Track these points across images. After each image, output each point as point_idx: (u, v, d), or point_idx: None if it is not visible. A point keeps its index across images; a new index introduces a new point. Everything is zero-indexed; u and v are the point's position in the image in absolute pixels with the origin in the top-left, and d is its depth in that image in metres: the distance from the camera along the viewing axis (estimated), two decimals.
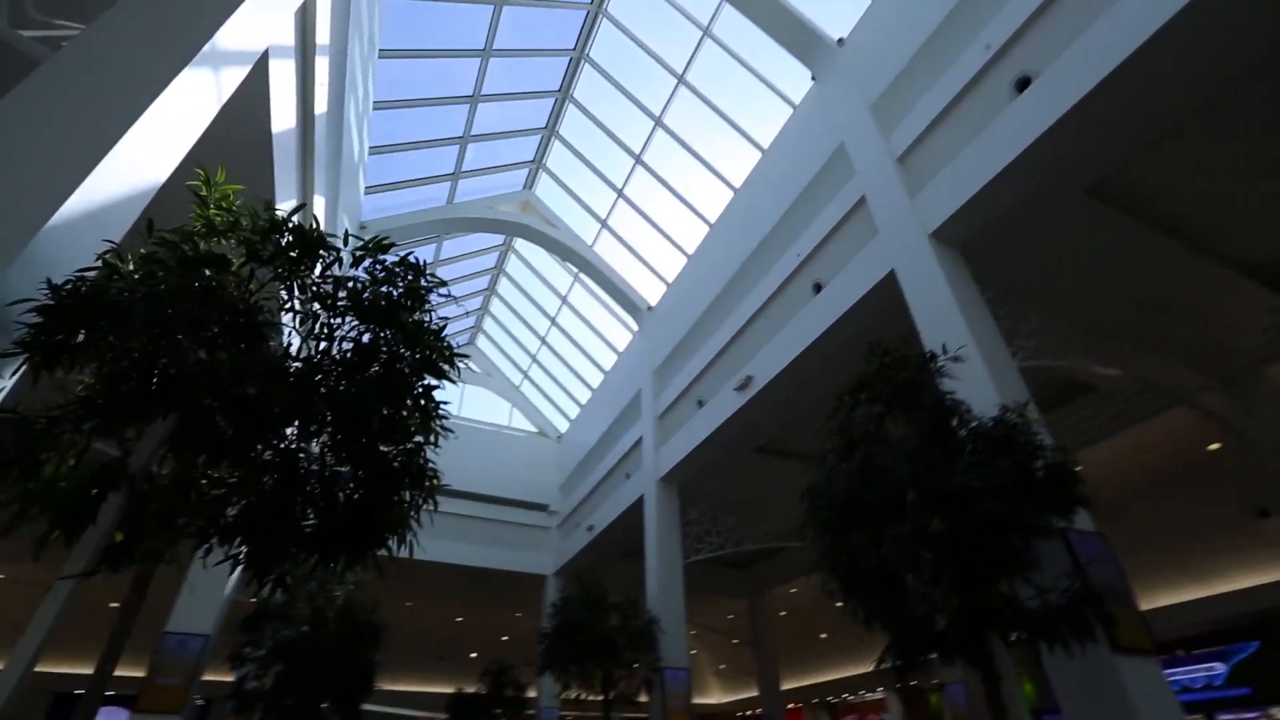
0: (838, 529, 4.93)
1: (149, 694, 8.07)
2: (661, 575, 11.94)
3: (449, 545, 17.58)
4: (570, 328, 19.25)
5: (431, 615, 22.69)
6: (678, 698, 10.58)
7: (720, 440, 11.37)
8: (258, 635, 9.03)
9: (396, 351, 3.33)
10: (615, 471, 15.88)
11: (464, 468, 19.09)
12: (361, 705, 13.96)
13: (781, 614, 20.31)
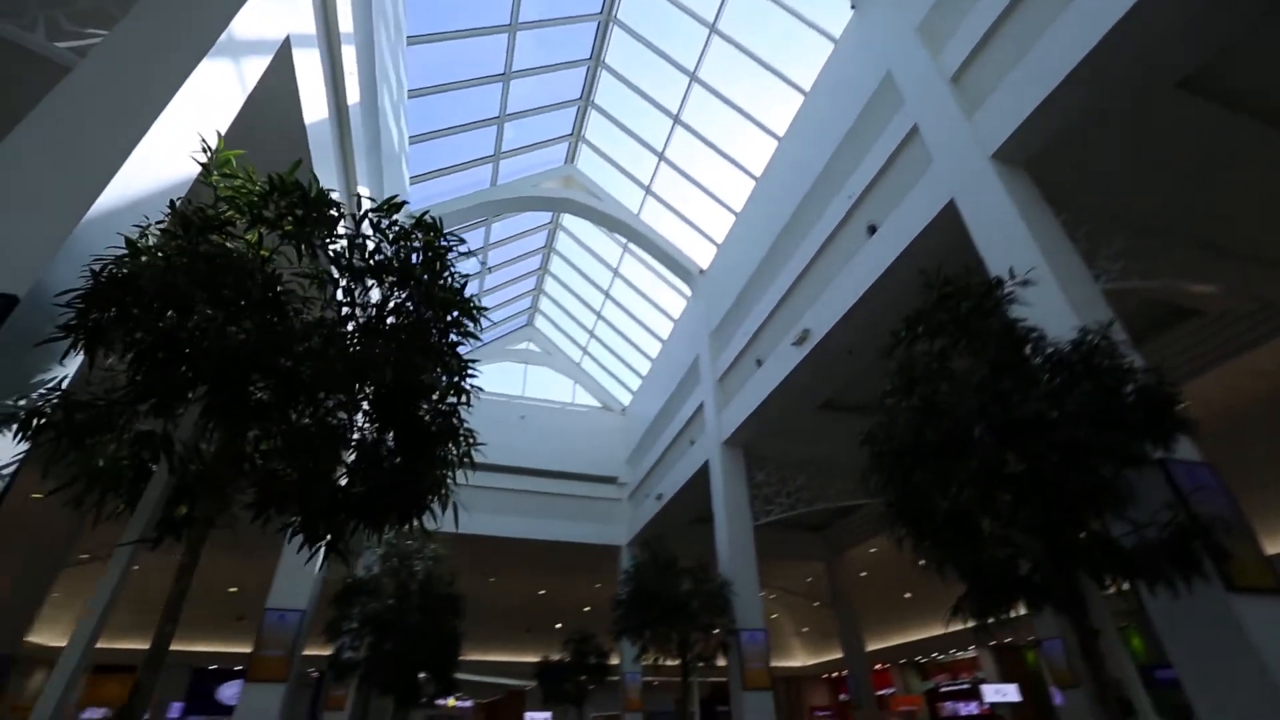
0: (902, 473, 4.63)
1: (256, 665, 8.72)
2: (731, 539, 11.82)
3: (524, 521, 18.11)
4: (624, 299, 19.19)
5: (516, 590, 23.59)
6: (756, 659, 10.50)
7: (781, 398, 11.04)
8: (349, 609, 9.56)
9: (417, 311, 3.29)
10: (679, 439, 15.81)
11: (533, 446, 19.59)
12: (454, 673, 14.75)
13: (862, 574, 19.84)
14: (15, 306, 2.99)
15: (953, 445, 4.31)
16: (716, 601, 10.64)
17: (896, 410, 4.79)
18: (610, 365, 21.72)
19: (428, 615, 10.12)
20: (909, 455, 4.57)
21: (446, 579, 10.80)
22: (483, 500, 18.07)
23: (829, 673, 26.33)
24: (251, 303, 2.73)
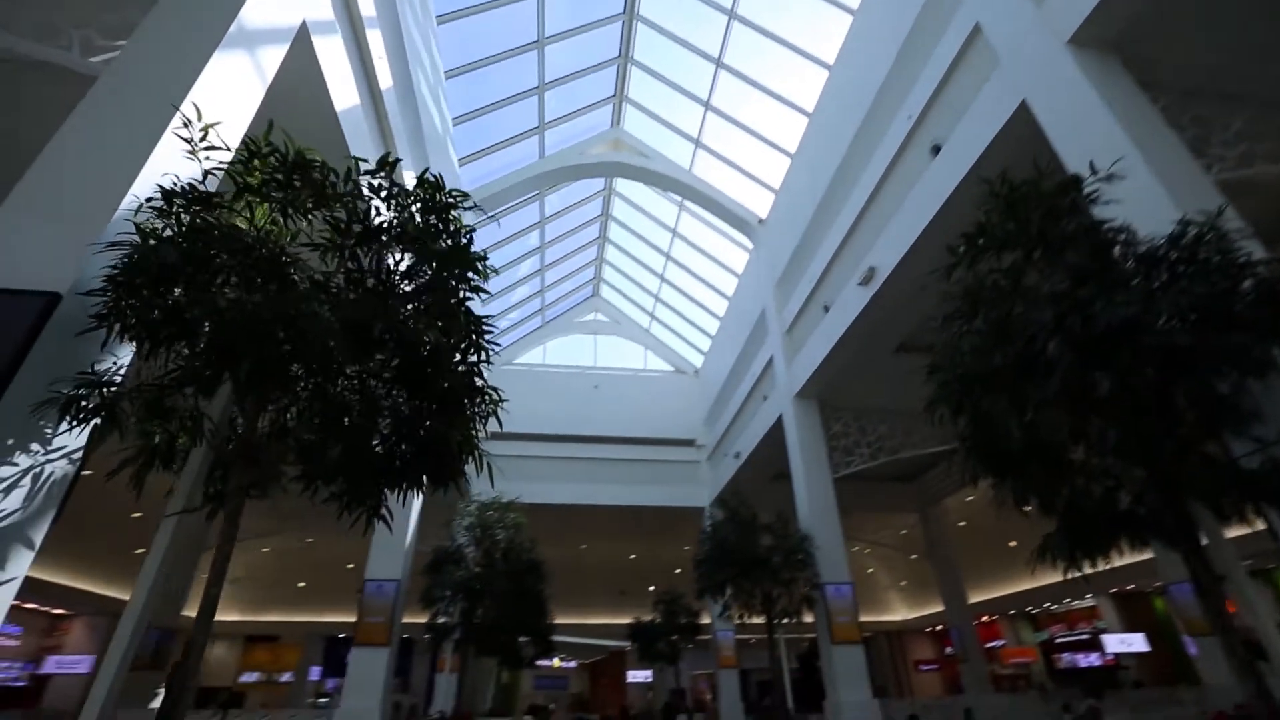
0: (971, 402, 4.19)
1: (361, 631, 9.39)
2: (810, 492, 11.46)
3: (607, 489, 18.39)
4: (686, 259, 18.81)
5: (607, 556, 24.22)
6: (843, 613, 10.21)
7: (852, 344, 10.45)
8: (441, 577, 10.06)
9: (426, 271, 3.24)
10: (752, 395, 15.45)
11: (609, 414, 19.79)
12: (550, 635, 15.37)
13: (960, 524, 18.84)
14: (59, 303, 3.18)
15: (1026, 367, 3.83)
16: (797, 556, 10.38)
17: (961, 335, 4.32)
18: (679, 328, 21.49)
19: (513, 580, 10.52)
20: (977, 382, 4.12)
21: (527, 546, 11.15)
22: (565, 471, 18.55)
23: (932, 626, 25.47)
24: (247, 273, 2.77)
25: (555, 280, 20.83)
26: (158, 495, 11.57)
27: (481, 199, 14.30)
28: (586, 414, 19.99)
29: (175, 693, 2.64)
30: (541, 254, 18.97)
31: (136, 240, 2.89)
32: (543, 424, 19.62)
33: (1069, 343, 3.59)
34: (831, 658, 9.95)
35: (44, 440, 3.15)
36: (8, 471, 3.01)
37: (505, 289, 19.22)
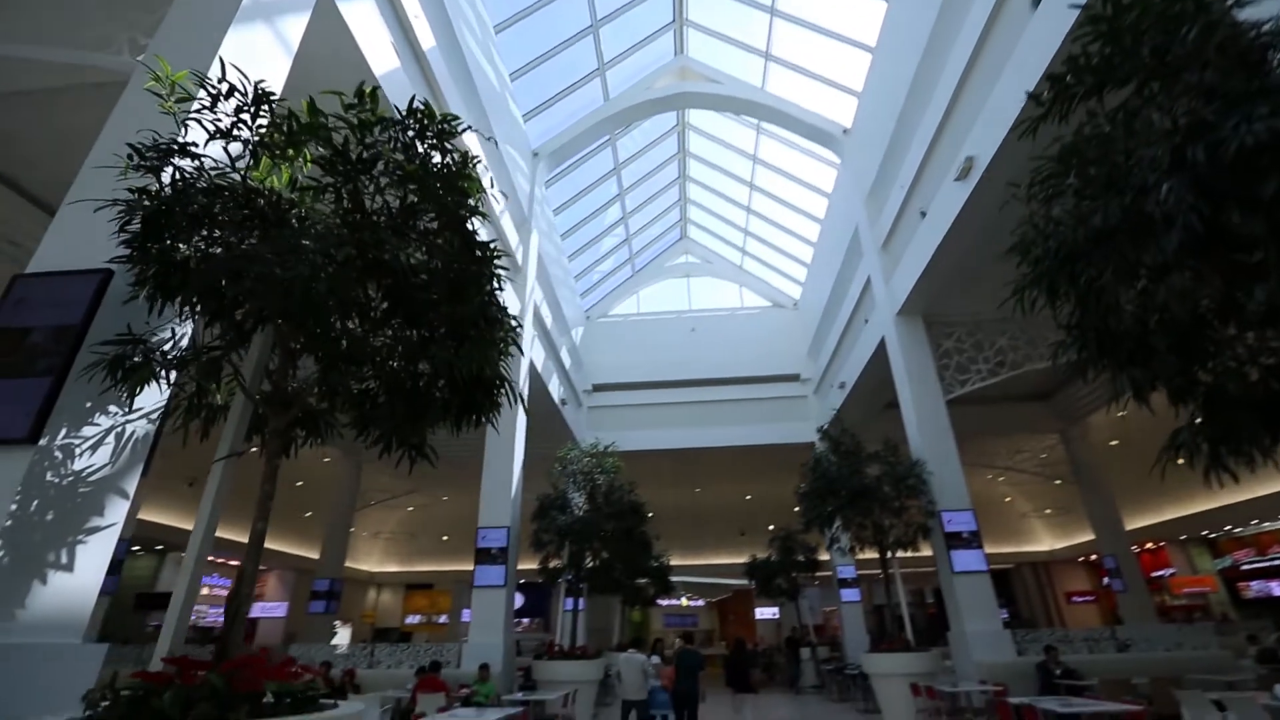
0: (1068, 276, 3.50)
1: (479, 576, 10.08)
2: (920, 416, 10.61)
3: (714, 431, 18.23)
4: (772, 186, 17.74)
5: (723, 497, 24.34)
6: (963, 541, 9.48)
7: (955, 248, 9.35)
8: (545, 522, 10.50)
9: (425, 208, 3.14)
10: (853, 320, 14.48)
11: (710, 356, 19.50)
12: (668, 575, 15.76)
13: (1111, 443, 16.79)
14: (111, 279, 3.44)
15: (1137, 225, 3.09)
16: (907, 483, 9.71)
17: (1052, 194, 3.60)
18: (772, 260, 20.53)
19: (616, 521, 10.78)
20: (1077, 255, 3.42)
21: (627, 489, 11.33)
22: (671, 417, 18.61)
23: (1084, 555, 23.27)
24: (246, 223, 2.82)
25: (640, 227, 20.52)
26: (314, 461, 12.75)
27: (551, 152, 14.23)
28: (687, 358, 19.84)
29: (231, 615, 2.85)
30: (622, 202, 18.70)
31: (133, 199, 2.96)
32: (644, 372, 19.75)
33: (1192, 181, 2.83)
34: (953, 588, 9.31)
35: (121, 403, 3.46)
36: (90, 431, 3.35)
37: (590, 241, 19.25)
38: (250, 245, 2.76)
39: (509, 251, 9.50)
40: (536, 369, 13.33)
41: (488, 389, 3.59)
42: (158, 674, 2.50)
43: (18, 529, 2.97)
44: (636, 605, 17.37)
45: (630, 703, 8.16)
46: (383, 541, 28.62)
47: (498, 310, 3.38)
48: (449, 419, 3.70)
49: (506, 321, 3.39)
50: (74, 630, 3.17)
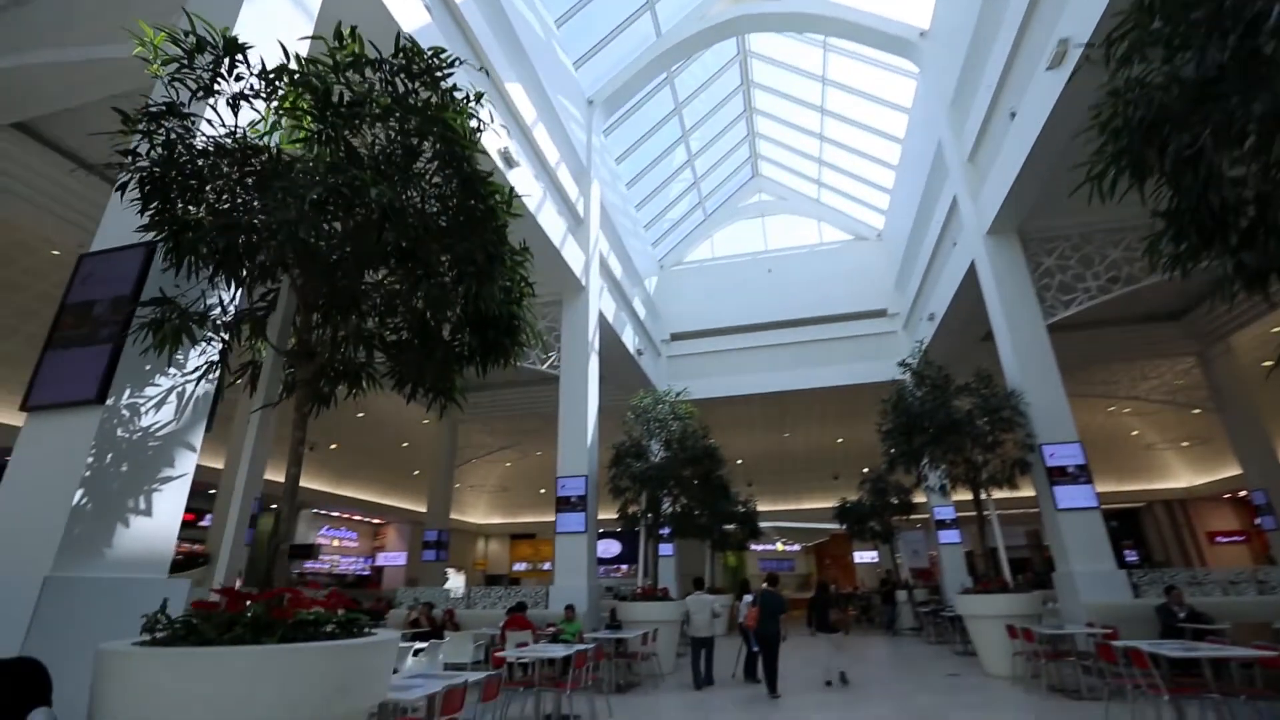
0: (1155, 148, 2.91)
1: (561, 521, 10.45)
2: (1017, 342, 9.67)
3: (797, 373, 17.65)
4: (845, 109, 16.43)
5: (812, 441, 23.77)
6: (1069, 477, 8.66)
7: (1049, 150, 8.23)
8: (623, 469, 10.66)
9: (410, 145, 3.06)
10: (940, 245, 13.33)
11: (789, 297, 18.80)
12: (754, 520, 15.73)
13: (1264, 365, 14.62)
14: (156, 250, 3.66)
15: (1242, 68, 2.48)
16: (1002, 415, 8.95)
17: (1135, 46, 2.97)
18: (851, 190, 19.22)
19: (692, 466, 10.77)
20: (1163, 117, 2.82)
21: (700, 434, 11.25)
22: (751, 361, 18.21)
23: (1230, 492, 20.78)
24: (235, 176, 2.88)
25: (708, 169, 19.77)
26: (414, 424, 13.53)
27: (607, 98, 13.87)
28: (767, 300, 19.21)
29: (270, 555, 3.05)
30: (686, 144, 18.05)
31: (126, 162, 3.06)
32: (723, 318, 19.35)
33: None
34: (1058, 527, 8.59)
35: (173, 364, 3.72)
36: (153, 392, 3.64)
37: (657, 188, 18.80)
38: (243, 200, 2.83)
39: (520, 191, 9.43)
40: (607, 320, 13.36)
41: (504, 329, 3.55)
42: (209, 602, 2.72)
43: (96, 479, 3.30)
44: (727, 550, 17.51)
45: (699, 640, 8.53)
46: (486, 495, 30.50)
47: (499, 246, 3.29)
48: (473, 362, 3.71)
49: (507, 256, 3.29)
50: (157, 566, 3.53)
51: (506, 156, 8.83)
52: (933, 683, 8.31)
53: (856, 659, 10.51)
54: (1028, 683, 7.47)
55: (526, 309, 3.91)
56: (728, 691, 8.34)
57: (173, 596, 3.40)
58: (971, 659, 9.70)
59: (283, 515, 3.08)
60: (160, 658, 2.38)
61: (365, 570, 25.24)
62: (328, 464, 21.51)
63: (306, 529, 22.58)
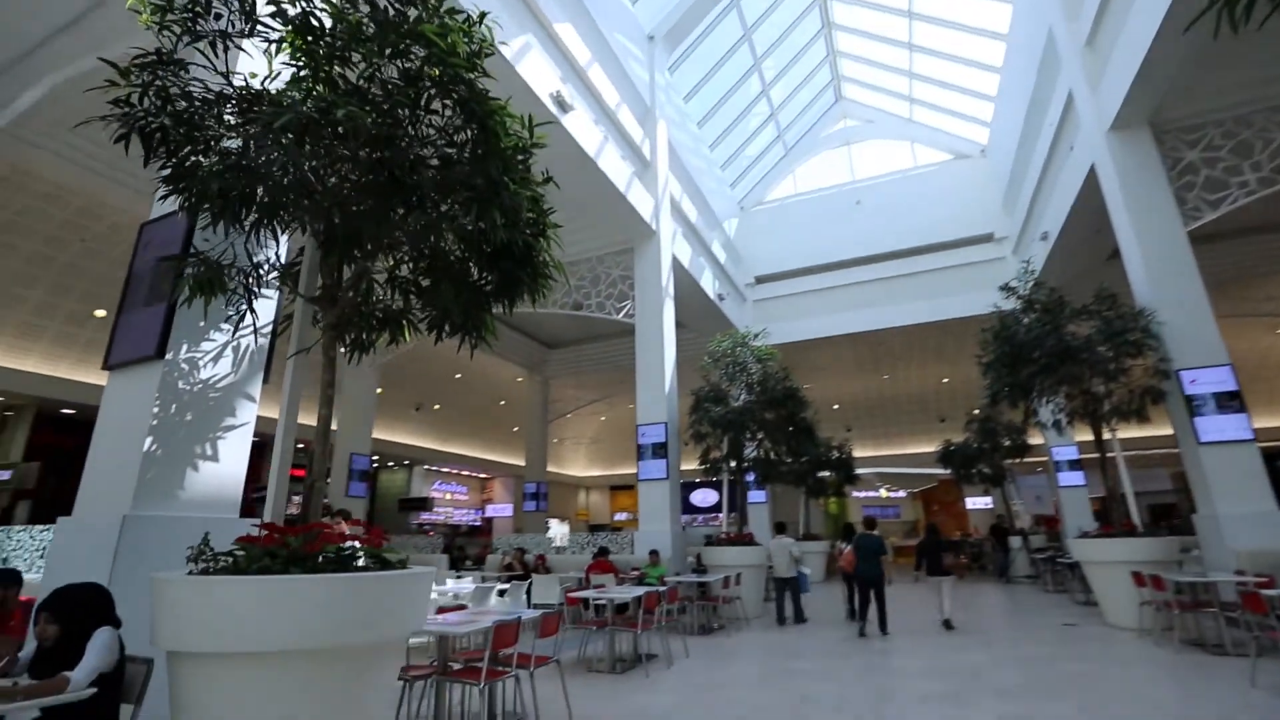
0: None
1: (642, 469, 10.49)
2: (1148, 253, 8.36)
3: (898, 309, 16.44)
4: (936, 9, 14.61)
5: (913, 382, 22.39)
6: (1215, 405, 7.47)
7: (1189, 11, 6.82)
8: (701, 414, 10.50)
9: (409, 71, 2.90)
10: (1055, 151, 11.70)
11: (882, 229, 17.53)
12: (856, 468, 15.18)
13: None
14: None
15: None
16: (1128, 338, 7.82)
17: None
18: (948, 103, 17.27)
19: (773, 409, 10.40)
20: None
21: (781, 375, 10.78)
22: (845, 299, 17.21)
23: None
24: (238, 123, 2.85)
25: (786, 97, 18.44)
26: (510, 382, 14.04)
27: (668, 32, 13.17)
28: (856, 234, 17.95)
29: (308, 489, 3.14)
30: (759, 73, 16.87)
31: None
32: (810, 256, 18.34)
33: None
34: (1199, 462, 7.48)
35: (233, 321, 3.90)
36: (209, 346, 3.84)
37: (732, 124, 17.82)
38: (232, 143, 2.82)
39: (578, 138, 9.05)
40: (683, 265, 13.00)
41: (519, 261, 3.39)
42: (251, 536, 2.84)
43: (162, 428, 3.54)
44: (821, 497, 17.03)
45: (781, 580, 9.06)
46: (584, 448, 31.54)
47: (505, 171, 3.08)
48: (499, 299, 3.60)
49: (514, 182, 3.08)
50: (227, 507, 3.78)
51: (559, 100, 8.59)
52: (1044, 632, 7.65)
53: (964, 605, 9.97)
54: (1157, 635, 6.66)
55: (553, 241, 3.73)
56: (813, 630, 8.35)
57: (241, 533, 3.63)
58: (1092, 609, 8.85)
59: (316, 455, 3.15)
60: (193, 585, 2.51)
61: (477, 521, 27.06)
62: (434, 424, 22.98)
63: (421, 484, 24.43)
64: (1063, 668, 5.66)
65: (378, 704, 2.79)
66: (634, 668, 5.95)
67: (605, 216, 11.36)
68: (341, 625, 2.49)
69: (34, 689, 2.26)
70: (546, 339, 20.17)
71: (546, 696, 4.54)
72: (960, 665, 5.92)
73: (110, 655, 2.51)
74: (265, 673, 2.47)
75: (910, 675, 5.60)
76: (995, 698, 4.73)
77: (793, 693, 5.04)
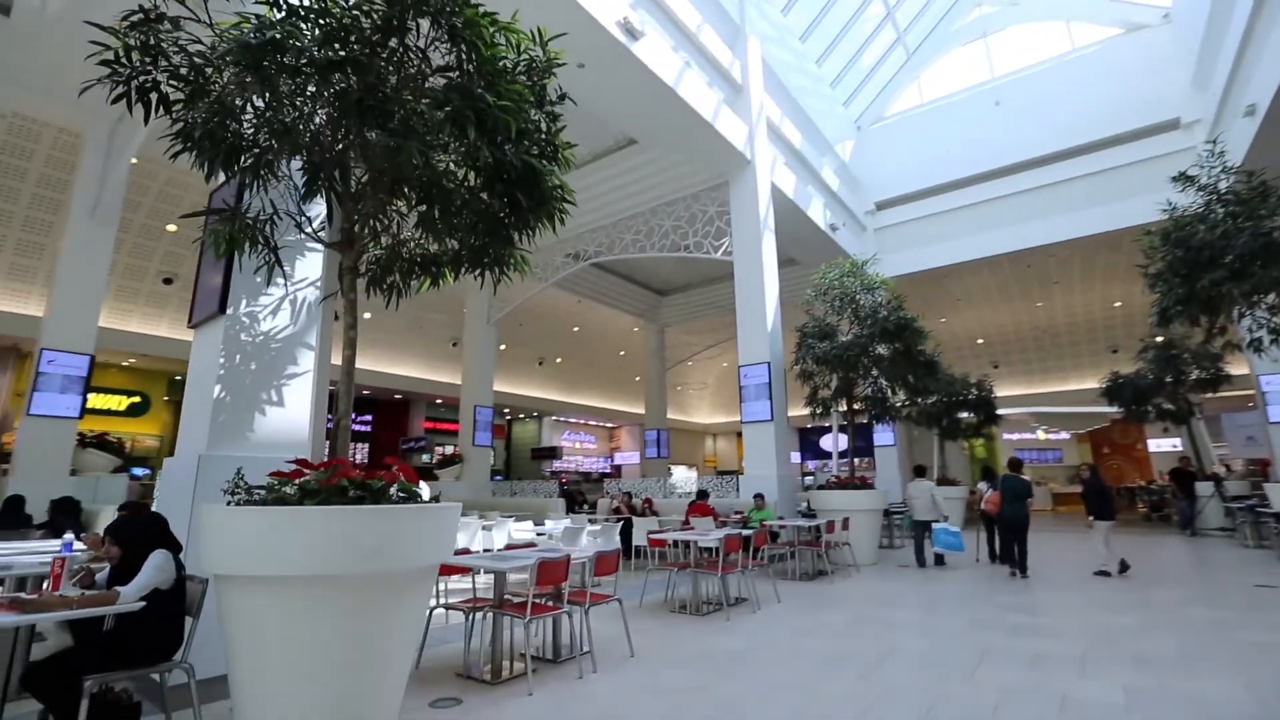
0: None
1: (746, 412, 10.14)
2: None
3: (1053, 222, 14.14)
4: None
5: (1080, 307, 19.48)
6: None
7: None
8: (805, 351, 9.88)
9: None
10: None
11: (1032, 130, 15.17)
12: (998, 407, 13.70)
13: None
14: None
15: None
16: None
17: None
18: None
19: (887, 341, 9.49)
20: None
21: (896, 304, 9.73)
22: (986, 216, 15.22)
23: None
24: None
25: None
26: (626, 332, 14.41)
27: None
28: (996, 142, 15.59)
29: (335, 426, 3.23)
30: None
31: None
32: (939, 173, 16.28)
33: None
34: None
35: (287, 275, 4.10)
36: (267, 301, 4.08)
37: (841, 33, 15.97)
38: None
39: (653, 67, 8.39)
40: (786, 195, 12.10)
41: (521, 186, 3.17)
42: (281, 471, 2.98)
43: (230, 377, 3.84)
44: (958, 438, 15.54)
45: (921, 522, 9.05)
46: (708, 395, 31.42)
47: (501, 88, 2.83)
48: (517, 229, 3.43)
49: (508, 100, 2.81)
50: (296, 449, 4.05)
51: (628, 28, 8.09)
52: (1228, 594, 6.37)
53: (1135, 558, 8.67)
54: None
55: (566, 161, 3.46)
56: (940, 576, 7.91)
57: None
58: None
59: (341, 393, 3.23)
60: (220, 514, 2.68)
61: (606, 469, 28.21)
62: (558, 377, 23.99)
63: (551, 434, 25.82)
64: (1241, 637, 4.63)
65: (402, 629, 2.86)
66: (719, 610, 5.79)
67: (694, 150, 10.77)
68: (345, 554, 2.56)
69: (88, 599, 2.54)
70: (659, 286, 20.02)
71: (615, 634, 4.52)
72: (1100, 625, 5.07)
73: (161, 575, 2.77)
74: (281, 595, 2.59)
75: (1025, 632, 4.89)
76: (1131, 666, 3.96)
77: (879, 643, 4.60)
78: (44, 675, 2.52)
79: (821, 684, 3.65)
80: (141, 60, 2.74)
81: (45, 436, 8.60)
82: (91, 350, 9.12)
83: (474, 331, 15.34)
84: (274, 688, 2.61)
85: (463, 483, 13.89)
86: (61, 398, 8.81)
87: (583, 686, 3.66)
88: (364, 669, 2.69)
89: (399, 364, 19.56)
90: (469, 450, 14.26)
